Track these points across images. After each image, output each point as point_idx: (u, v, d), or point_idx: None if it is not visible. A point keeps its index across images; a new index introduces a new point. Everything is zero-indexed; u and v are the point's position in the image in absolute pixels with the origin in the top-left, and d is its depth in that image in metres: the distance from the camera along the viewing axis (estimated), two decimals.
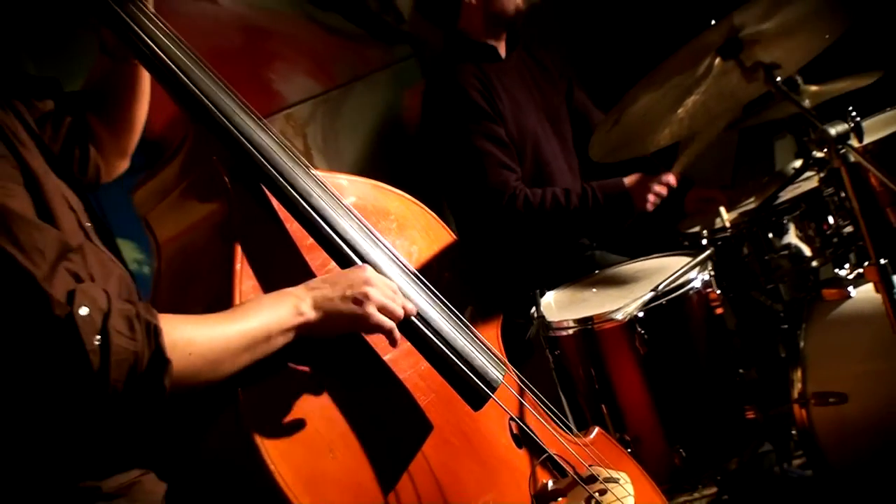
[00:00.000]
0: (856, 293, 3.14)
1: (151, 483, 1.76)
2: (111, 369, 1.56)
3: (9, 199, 1.58)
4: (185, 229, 2.06)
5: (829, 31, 2.75)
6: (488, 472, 2.12)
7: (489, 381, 2.06)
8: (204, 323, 1.74)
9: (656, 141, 2.96)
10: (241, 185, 1.98)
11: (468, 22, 3.92)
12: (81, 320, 1.54)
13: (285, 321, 1.82)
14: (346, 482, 1.87)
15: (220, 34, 4.05)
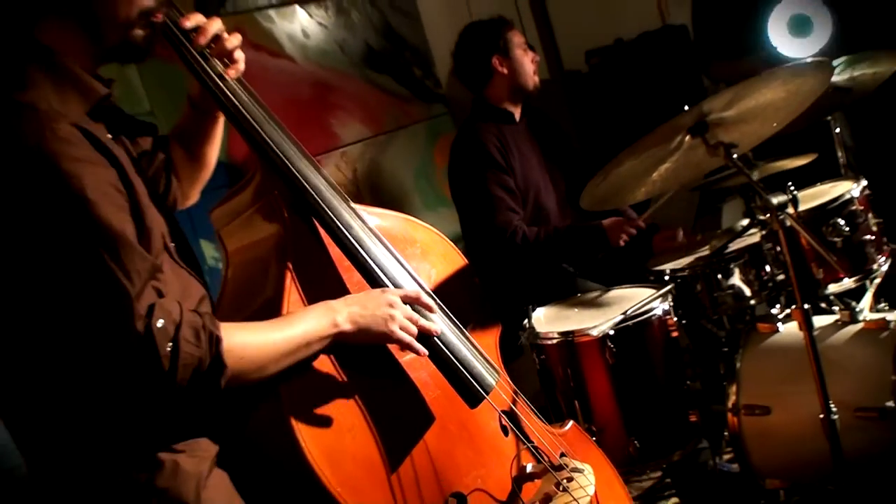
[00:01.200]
0: (783, 329, 3.14)
1: (206, 442, 1.75)
2: (178, 371, 1.56)
3: (124, 226, 1.57)
4: (249, 245, 2.07)
5: (777, 122, 2.73)
6: (478, 455, 2.11)
7: (485, 386, 2.06)
8: (256, 330, 1.74)
9: (634, 196, 2.96)
10: (296, 215, 1.99)
11: (494, 90, 3.93)
12: (157, 331, 1.54)
13: (323, 331, 1.82)
14: (360, 459, 1.87)
15: (295, 86, 4.07)
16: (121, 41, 1.73)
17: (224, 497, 1.72)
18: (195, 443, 1.72)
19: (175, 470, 1.67)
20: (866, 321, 3.02)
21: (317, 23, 4.19)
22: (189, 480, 1.68)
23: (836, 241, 3.18)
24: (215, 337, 1.62)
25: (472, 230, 3.90)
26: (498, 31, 3.90)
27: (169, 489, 1.65)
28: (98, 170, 1.58)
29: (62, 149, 1.53)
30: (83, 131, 1.59)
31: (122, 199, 1.61)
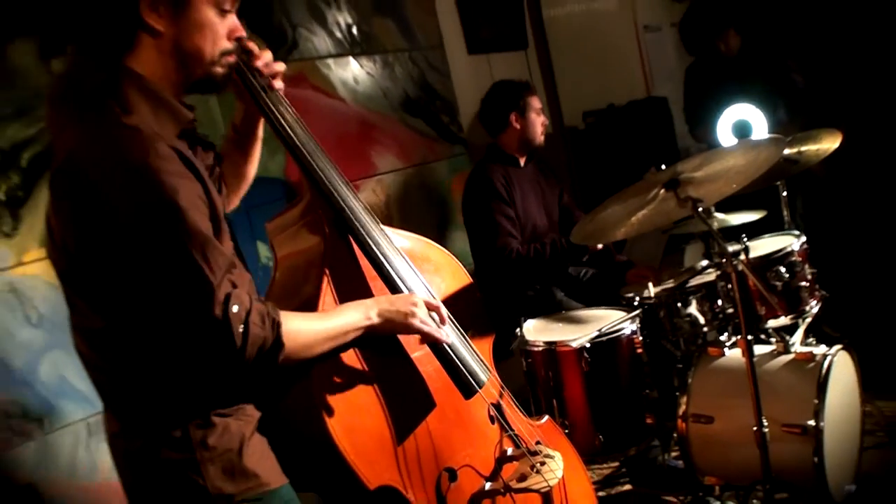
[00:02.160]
0: (728, 353, 3.14)
1: (251, 409, 1.75)
2: (248, 348, 1.57)
3: (208, 229, 1.58)
4: (295, 253, 2.08)
5: (736, 183, 2.73)
6: (469, 437, 2.11)
7: (478, 381, 2.07)
8: (307, 319, 1.75)
9: (615, 235, 2.95)
10: (335, 231, 1.99)
11: (506, 139, 3.94)
12: (233, 315, 1.55)
13: (358, 323, 1.82)
14: (372, 433, 1.88)
15: (344, 122, 4.07)
16: (204, 75, 1.72)
17: (260, 455, 1.72)
18: (242, 409, 1.72)
19: (225, 430, 1.67)
20: (797, 353, 3.02)
21: (366, 72, 4.20)
22: (234, 439, 1.68)
23: (777, 285, 3.18)
24: (277, 322, 1.63)
25: (478, 250, 3.90)
26: (521, 92, 3.92)
27: (217, 446, 1.66)
28: (188, 183, 1.58)
29: (162, 165, 1.53)
30: (176, 151, 1.59)
31: (205, 207, 1.61)
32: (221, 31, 1.71)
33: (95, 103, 1.60)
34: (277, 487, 1.73)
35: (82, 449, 2.98)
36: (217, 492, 1.64)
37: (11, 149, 2.92)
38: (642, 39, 6.44)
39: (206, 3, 1.67)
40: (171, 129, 1.65)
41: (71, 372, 2.96)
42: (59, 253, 1.64)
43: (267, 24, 3.77)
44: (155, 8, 1.62)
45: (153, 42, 1.65)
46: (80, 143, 1.57)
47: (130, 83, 1.63)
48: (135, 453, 1.69)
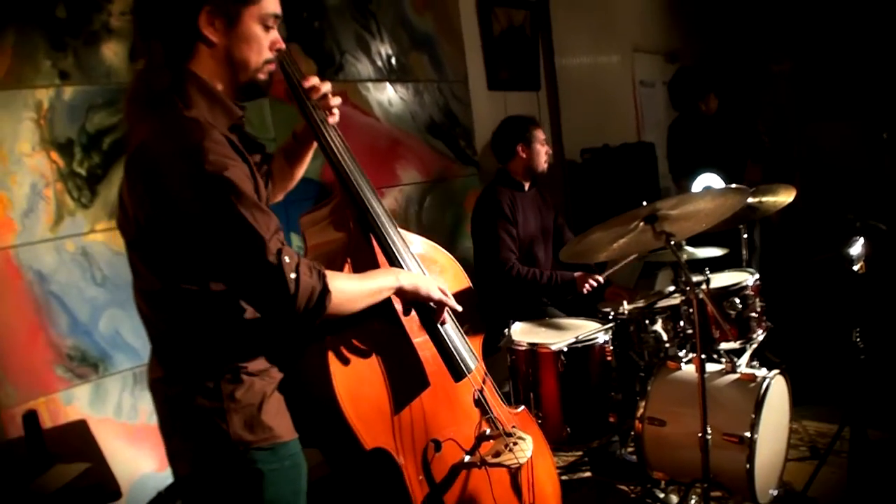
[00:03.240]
0: (684, 368, 3.15)
1: (275, 371, 1.77)
2: (300, 294, 1.61)
3: (253, 196, 1.61)
4: (323, 243, 2.09)
5: (705, 223, 2.75)
6: (455, 416, 2.12)
7: (467, 367, 2.09)
8: (350, 278, 1.81)
9: (597, 257, 2.97)
10: (360, 229, 2.01)
11: (514, 166, 3.94)
12: (285, 265, 1.59)
13: (390, 284, 1.87)
14: (373, 401, 1.89)
15: (376, 137, 4.10)
16: (249, 80, 1.76)
17: (276, 411, 1.74)
18: (267, 371, 1.75)
19: (250, 387, 1.70)
20: (742, 373, 3.03)
21: (399, 97, 4.23)
22: (257, 395, 1.71)
23: (731, 313, 3.20)
24: (323, 273, 1.67)
25: (480, 259, 3.90)
26: (527, 126, 3.91)
27: (242, 399, 1.69)
28: (238, 163, 1.62)
29: (215, 147, 1.58)
30: (227, 139, 1.64)
31: (252, 185, 1.65)
32: (265, 44, 1.75)
33: (163, 100, 1.66)
34: (288, 441, 1.75)
35: (128, 394, 3.02)
36: (237, 438, 1.67)
37: (96, 133, 2.98)
38: (638, 92, 6.47)
39: (253, 19, 1.72)
40: (223, 122, 1.70)
41: (125, 328, 3.00)
42: (130, 225, 1.68)
43: (319, 49, 3.81)
44: (211, 23, 1.68)
45: (209, 51, 1.70)
46: (150, 133, 1.62)
47: (192, 83, 1.68)
48: (173, 398, 1.72)
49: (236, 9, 1.69)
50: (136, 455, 3.02)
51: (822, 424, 3.79)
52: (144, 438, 3.03)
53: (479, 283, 3.79)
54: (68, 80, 2.91)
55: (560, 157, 5.51)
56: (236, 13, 1.69)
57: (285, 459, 1.74)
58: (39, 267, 2.82)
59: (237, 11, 1.69)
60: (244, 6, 1.70)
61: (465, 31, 4.72)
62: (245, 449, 1.68)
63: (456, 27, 4.64)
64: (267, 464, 1.70)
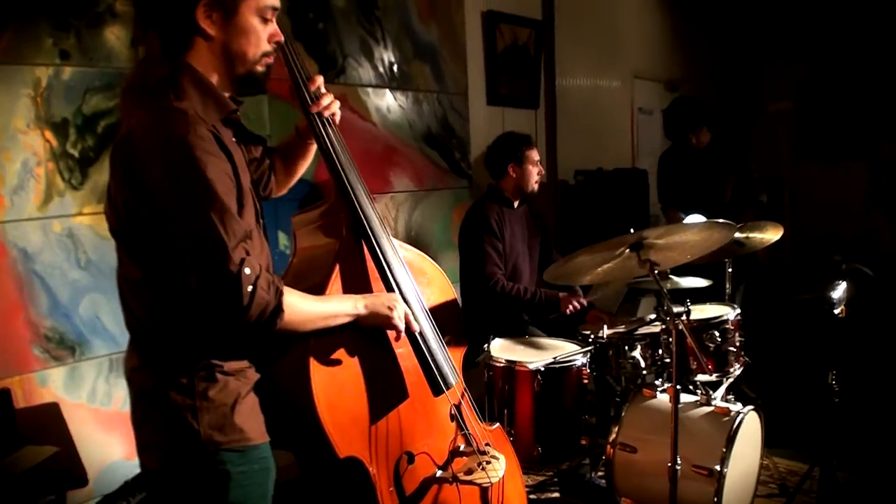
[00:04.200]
0: (660, 396, 3.15)
1: (251, 372, 1.77)
2: (252, 308, 1.59)
3: (230, 201, 1.60)
4: (313, 246, 2.08)
5: (690, 255, 2.77)
6: (431, 429, 2.11)
7: (447, 383, 2.09)
8: (306, 297, 1.77)
9: (581, 280, 2.99)
10: (352, 234, 2.00)
11: (505, 184, 3.93)
12: (244, 276, 1.57)
13: (348, 311, 1.85)
14: (350, 409, 1.88)
15: (372, 142, 4.11)
16: (246, 73, 1.76)
17: (249, 413, 1.73)
18: (244, 371, 1.74)
19: (224, 386, 1.69)
20: (716, 406, 3.04)
21: (398, 105, 4.24)
22: (231, 396, 1.70)
23: (710, 346, 3.21)
24: (280, 291, 1.65)
25: (466, 273, 3.90)
26: (520, 145, 3.90)
27: (216, 399, 1.68)
28: (219, 161, 1.61)
29: (198, 142, 1.58)
30: (214, 134, 1.64)
31: (231, 184, 1.64)
32: (263, 36, 1.75)
33: (156, 91, 1.66)
34: (258, 444, 1.74)
35: (102, 380, 3.01)
36: (207, 438, 1.66)
37: (92, 115, 2.98)
38: (636, 118, 6.51)
39: (250, 12, 1.71)
40: (215, 115, 1.70)
41: (104, 313, 2.99)
42: (113, 211, 1.69)
43: (321, 51, 3.81)
44: (208, 16, 1.68)
45: (206, 44, 1.71)
46: (138, 122, 1.62)
47: (186, 75, 1.68)
48: (147, 390, 1.71)
49: (234, 1, 1.69)
50: (107, 441, 3.00)
51: (794, 463, 3.80)
52: (116, 425, 3.01)
53: (463, 297, 3.82)
54: (68, 61, 2.91)
55: (553, 177, 5.52)
56: (234, 6, 1.69)
57: (254, 462, 1.73)
58: (25, 245, 2.81)
59: (234, 4, 1.69)
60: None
61: (469, 44, 4.73)
62: (214, 449, 1.67)
63: (460, 40, 4.65)
64: (235, 466, 1.69)
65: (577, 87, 5.74)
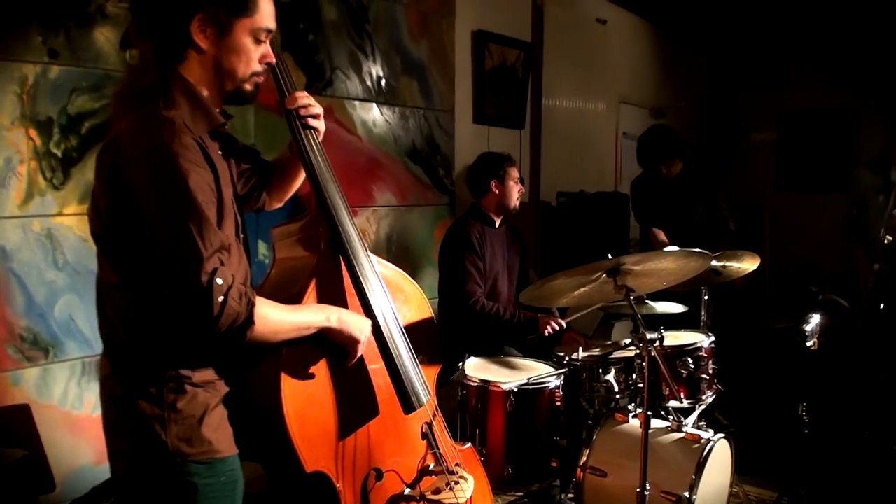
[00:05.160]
0: (632, 421, 3.15)
1: (221, 385, 1.76)
2: (222, 318, 1.58)
3: (209, 211, 1.60)
4: (292, 258, 2.08)
5: (666, 282, 2.79)
6: (400, 446, 2.10)
7: (419, 401, 2.06)
8: (278, 308, 1.75)
9: (557, 303, 3.01)
10: (330, 249, 2.00)
11: (486, 202, 3.94)
12: (216, 286, 1.56)
13: (319, 322, 1.83)
14: (319, 424, 1.87)
15: (356, 155, 4.11)
16: (234, 89, 1.77)
17: (217, 425, 1.72)
18: (213, 383, 1.74)
19: (193, 398, 1.69)
20: (687, 433, 3.06)
21: (384, 119, 4.25)
22: (199, 407, 1.69)
23: (683, 373, 3.23)
24: (252, 302, 1.64)
25: (445, 290, 3.90)
26: (502, 163, 3.92)
27: (184, 410, 1.67)
28: (201, 171, 1.61)
29: (182, 151, 1.58)
30: (200, 144, 1.64)
31: (212, 195, 1.64)
32: (254, 56, 1.76)
33: (146, 98, 1.66)
34: (226, 456, 1.73)
35: (74, 383, 2.98)
36: (175, 449, 1.65)
37: (77, 116, 2.97)
38: (620, 143, 6.55)
39: (244, 32, 1.73)
40: (202, 126, 1.70)
41: (79, 316, 2.97)
42: (96, 214, 1.68)
43: (310, 62, 3.82)
44: (203, 30, 1.69)
45: (198, 57, 1.72)
46: (126, 127, 1.63)
47: (177, 85, 1.69)
48: (117, 398, 1.70)
49: (229, 19, 1.70)
50: (76, 446, 2.97)
51: (763, 491, 3.82)
52: (86, 430, 2.98)
53: (440, 313, 3.82)
54: (56, 59, 2.90)
55: (535, 198, 5.55)
56: (228, 24, 1.70)
57: (221, 475, 1.72)
58: (3, 243, 2.78)
59: (229, 22, 1.70)
60: (237, 18, 1.71)
61: (458, 63, 4.75)
62: (181, 461, 1.66)
63: (449, 58, 4.67)
64: (202, 478, 1.68)
65: (563, 109, 5.77)
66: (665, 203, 4.72)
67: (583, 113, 6.00)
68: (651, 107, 7.01)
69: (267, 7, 1.76)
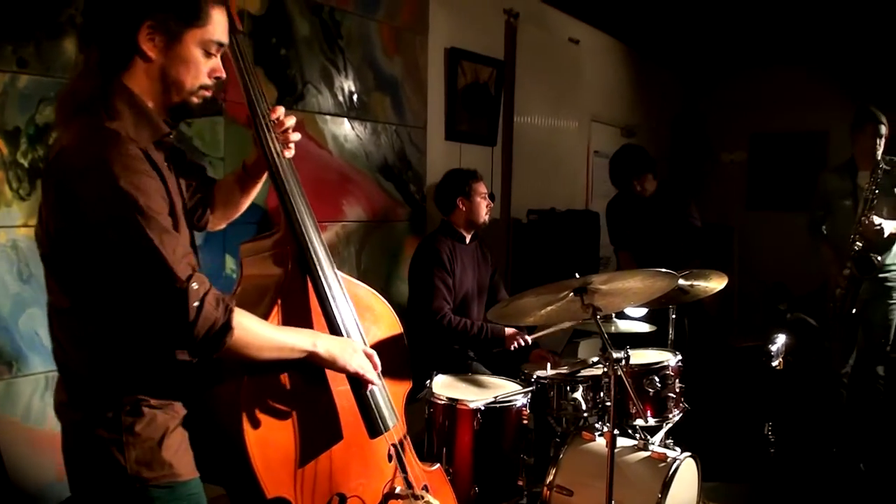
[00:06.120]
0: (598, 440, 3.14)
1: (179, 407, 1.73)
2: (199, 322, 1.56)
3: (164, 217, 1.58)
4: (258, 276, 2.05)
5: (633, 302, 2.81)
6: (366, 470, 2.07)
7: (385, 425, 2.05)
8: (261, 323, 1.75)
9: (525, 321, 3.01)
10: (297, 268, 1.98)
11: (455, 218, 3.96)
12: (192, 291, 1.55)
13: (304, 346, 1.82)
14: (280, 449, 1.85)
15: (327, 170, 4.08)
16: (181, 102, 1.74)
17: (177, 448, 1.70)
18: (171, 405, 1.71)
19: (151, 420, 1.66)
20: (653, 452, 3.06)
21: (356, 134, 4.24)
22: (158, 429, 1.67)
23: (649, 391, 3.25)
24: (230, 308, 1.62)
25: (414, 306, 3.90)
26: (467, 180, 3.94)
27: (142, 433, 1.65)
28: (151, 179, 1.59)
29: (129, 162, 1.55)
30: (145, 154, 1.62)
31: (164, 204, 1.61)
32: (203, 69, 1.73)
33: (88, 108, 1.63)
34: (188, 480, 1.71)
35: (38, 398, 2.94)
36: (134, 473, 1.63)
37: (45, 126, 2.93)
38: (591, 161, 6.61)
39: (194, 42, 1.69)
40: (147, 137, 1.66)
41: (44, 330, 2.90)
42: (44, 234, 1.65)
43: (282, 76, 3.80)
44: (151, 38, 1.66)
45: (144, 66, 1.68)
46: (69, 142, 1.59)
47: (121, 95, 1.66)
48: (75, 424, 1.68)
49: (178, 28, 1.67)
50: (38, 463, 2.91)
51: None
52: (49, 446, 2.93)
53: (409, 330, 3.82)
54: (26, 69, 2.86)
55: (507, 215, 5.57)
56: (178, 33, 1.67)
57: (182, 499, 1.69)
58: None
59: (179, 31, 1.67)
60: (187, 27, 1.68)
61: (431, 79, 4.76)
62: (142, 486, 1.63)
63: (422, 75, 4.68)
64: (163, 502, 1.66)
65: (535, 127, 5.80)
66: (641, 223, 4.75)
67: (554, 131, 6.04)
68: (623, 126, 7.08)
69: (220, 19, 1.73)
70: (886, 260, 4.43)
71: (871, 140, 4.39)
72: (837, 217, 4.60)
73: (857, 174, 4.52)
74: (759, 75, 7.72)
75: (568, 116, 6.19)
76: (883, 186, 4.33)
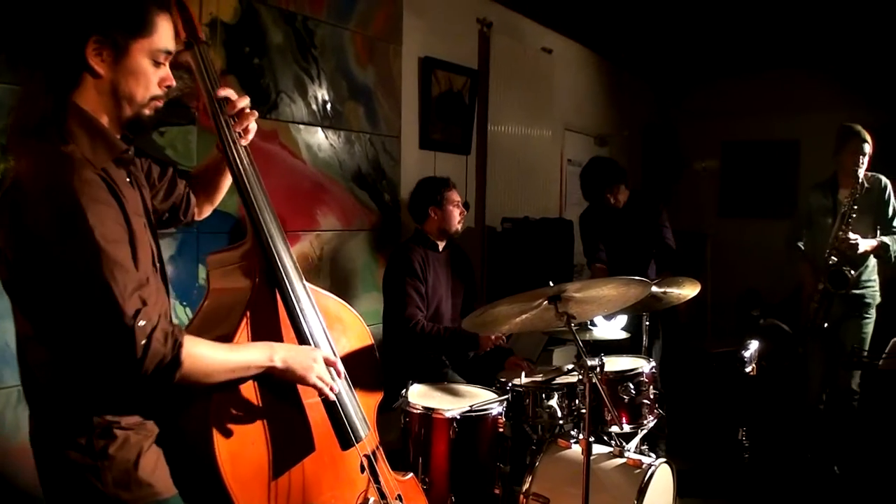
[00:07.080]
0: (574, 447, 3.14)
1: (151, 426, 1.70)
2: (146, 360, 1.52)
3: (119, 252, 1.54)
4: (226, 289, 2.02)
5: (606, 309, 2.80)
6: (338, 481, 2.04)
7: (357, 437, 2.03)
8: (212, 347, 1.69)
9: (500, 329, 2.99)
10: (265, 281, 1.95)
11: (428, 226, 3.95)
12: (138, 329, 1.51)
13: (261, 362, 1.78)
14: (252, 463, 1.82)
15: (300, 179, 4.04)
16: (134, 115, 1.70)
17: (154, 466, 1.67)
18: (143, 424, 1.68)
19: (125, 442, 1.63)
20: (629, 458, 3.05)
21: (329, 143, 4.21)
22: (132, 451, 1.64)
23: (624, 398, 3.25)
24: (178, 343, 1.58)
25: (388, 315, 3.88)
26: (439, 188, 3.93)
27: (116, 456, 1.62)
28: (107, 208, 1.55)
29: (83, 188, 1.52)
30: (104, 178, 1.58)
31: (121, 231, 1.58)
32: (153, 80, 1.69)
33: (40, 133, 1.59)
34: (167, 497, 1.68)
35: (10, 411, 2.88)
36: (114, 496, 1.60)
37: None
38: (565, 170, 6.61)
39: (142, 53, 1.66)
40: (104, 156, 1.63)
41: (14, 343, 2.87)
42: (3, 264, 1.60)
43: (255, 85, 3.77)
44: (99, 53, 1.62)
45: (94, 82, 1.64)
46: (23, 169, 1.56)
47: (73, 116, 1.62)
48: (48, 452, 1.65)
49: (125, 41, 1.63)
50: (13, 476, 2.87)
51: None
52: (23, 459, 2.88)
53: (384, 339, 3.80)
54: None
55: (481, 223, 5.56)
56: (125, 46, 1.63)
57: None
58: None
59: (126, 44, 1.63)
60: (133, 39, 1.64)
61: (405, 88, 4.75)
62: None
63: (396, 84, 4.67)
64: None
65: (509, 135, 5.80)
66: (614, 233, 4.75)
67: (528, 139, 6.04)
68: (595, 134, 7.09)
69: (165, 28, 1.70)
70: (863, 276, 4.44)
71: (854, 157, 4.37)
72: (816, 233, 4.61)
73: (839, 191, 4.52)
74: (731, 84, 7.79)
75: (541, 125, 6.20)
76: (861, 203, 4.33)
